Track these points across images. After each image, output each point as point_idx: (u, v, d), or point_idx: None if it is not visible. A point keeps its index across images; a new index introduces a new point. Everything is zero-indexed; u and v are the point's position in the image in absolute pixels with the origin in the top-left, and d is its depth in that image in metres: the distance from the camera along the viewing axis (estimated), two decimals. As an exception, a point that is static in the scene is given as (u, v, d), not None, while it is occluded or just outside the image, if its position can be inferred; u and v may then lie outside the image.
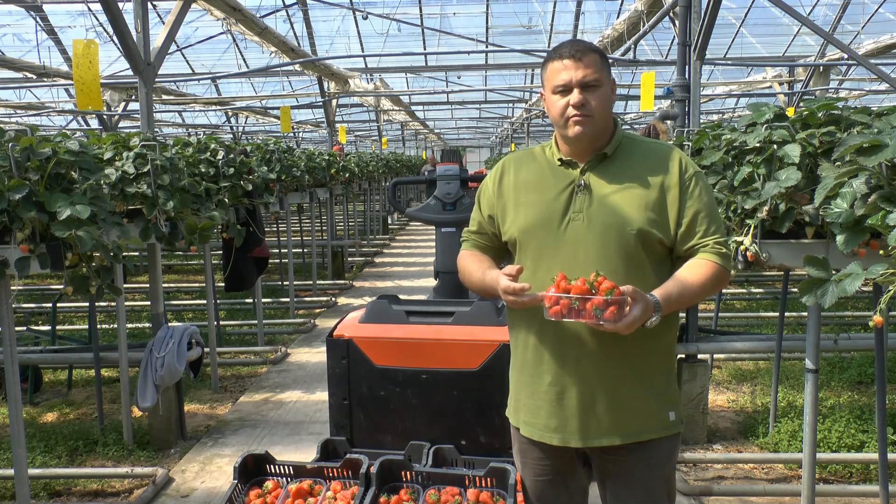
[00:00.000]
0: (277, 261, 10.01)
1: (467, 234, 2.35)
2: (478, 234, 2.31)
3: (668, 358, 2.17)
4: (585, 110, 2.04)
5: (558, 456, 2.19)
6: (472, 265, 2.22)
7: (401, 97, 18.34)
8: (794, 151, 2.82)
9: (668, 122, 5.27)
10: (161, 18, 12.44)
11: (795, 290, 2.48)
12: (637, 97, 15.03)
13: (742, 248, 3.04)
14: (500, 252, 2.31)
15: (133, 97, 11.00)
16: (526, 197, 2.16)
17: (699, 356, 4.59)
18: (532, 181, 2.18)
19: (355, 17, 15.39)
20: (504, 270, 2.02)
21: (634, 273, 2.03)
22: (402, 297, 3.44)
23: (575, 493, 2.28)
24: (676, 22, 5.25)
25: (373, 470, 2.82)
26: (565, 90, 2.05)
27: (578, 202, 2.09)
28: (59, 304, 7.33)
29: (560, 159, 2.15)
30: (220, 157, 5.04)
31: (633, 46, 8.93)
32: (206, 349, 5.32)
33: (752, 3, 14.22)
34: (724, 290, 7.82)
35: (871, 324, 2.34)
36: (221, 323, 7.30)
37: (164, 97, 14.75)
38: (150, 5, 4.92)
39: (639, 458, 2.13)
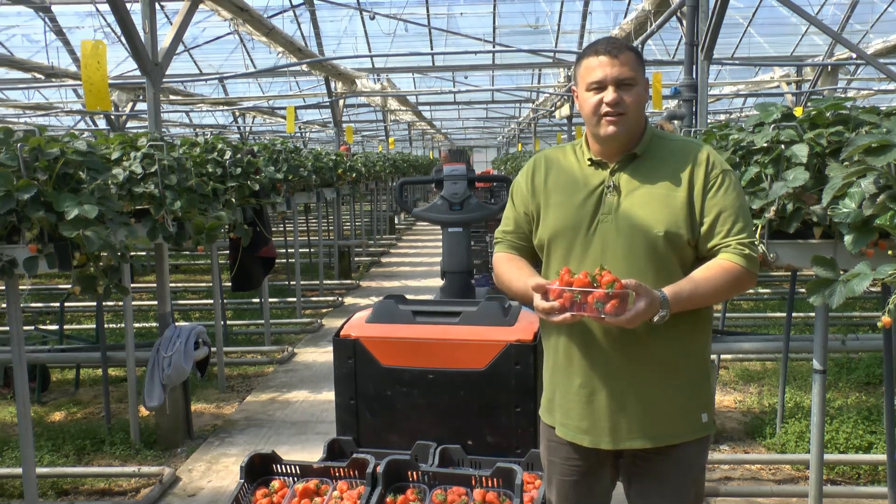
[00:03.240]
0: (284, 261, 10.02)
1: (502, 235, 2.28)
2: (514, 234, 2.24)
3: (701, 359, 2.13)
4: (620, 108, 2.01)
5: (587, 456, 2.17)
6: (512, 272, 2.16)
7: (408, 97, 18.36)
8: (801, 151, 2.81)
9: (676, 121, 5.26)
10: (169, 19, 12.45)
11: (803, 290, 2.47)
12: (644, 97, 15.01)
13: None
14: (536, 252, 2.25)
15: (140, 97, 11.05)
16: (556, 198, 2.13)
17: (706, 356, 4.57)
18: (563, 182, 2.15)
19: (362, 18, 15.41)
20: (535, 287, 1.96)
21: (663, 275, 2.00)
22: (408, 296, 3.44)
23: (599, 494, 2.26)
24: (684, 22, 5.24)
25: (379, 470, 2.81)
26: (600, 87, 2.02)
27: (607, 204, 2.06)
28: (66, 304, 7.36)
29: (590, 159, 2.12)
30: (227, 157, 5.05)
31: (640, 46, 8.91)
32: (213, 349, 5.34)
33: (760, 2, 14.17)
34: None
35: (879, 324, 2.33)
36: (228, 322, 7.32)
37: (172, 97, 14.80)
38: (157, 6, 4.93)
39: (669, 460, 2.11)
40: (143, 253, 9.93)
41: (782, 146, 2.89)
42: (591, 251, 2.05)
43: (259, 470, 3.03)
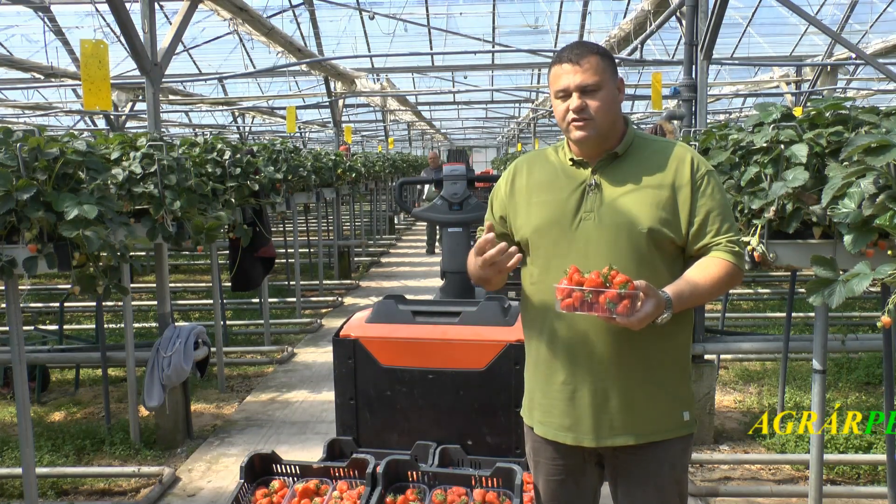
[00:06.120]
0: (284, 261, 10.02)
1: (480, 234, 2.37)
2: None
3: (683, 357, 2.16)
4: (584, 114, 2.05)
5: (571, 455, 2.19)
6: (472, 254, 2.20)
7: (407, 97, 18.34)
8: (801, 151, 2.81)
9: (675, 121, 5.26)
10: (168, 19, 12.46)
11: (802, 290, 2.47)
12: (643, 97, 15.08)
13: (749, 248, 3.03)
14: None
15: (140, 97, 11.04)
16: (538, 197, 2.17)
17: (706, 357, 4.58)
18: (544, 182, 2.18)
19: (362, 18, 15.40)
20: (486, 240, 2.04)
21: (646, 272, 2.02)
22: (408, 297, 3.44)
23: (586, 493, 2.28)
24: (683, 21, 5.23)
25: (379, 470, 2.81)
26: (566, 94, 2.07)
27: (589, 202, 2.09)
28: (66, 304, 7.36)
29: (571, 159, 2.16)
30: (226, 157, 5.05)
31: (639, 46, 8.92)
32: (213, 349, 5.33)
33: (760, 2, 14.17)
34: (730, 291, 7.80)
35: (878, 324, 2.33)
36: (228, 322, 7.32)
37: (171, 97, 14.79)
38: (157, 6, 4.92)
39: (651, 458, 2.13)
40: (143, 253, 9.94)
41: (782, 146, 2.89)
42: (575, 248, 2.08)
43: (259, 470, 3.03)
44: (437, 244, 12.60)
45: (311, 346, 7.07)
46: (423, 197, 13.65)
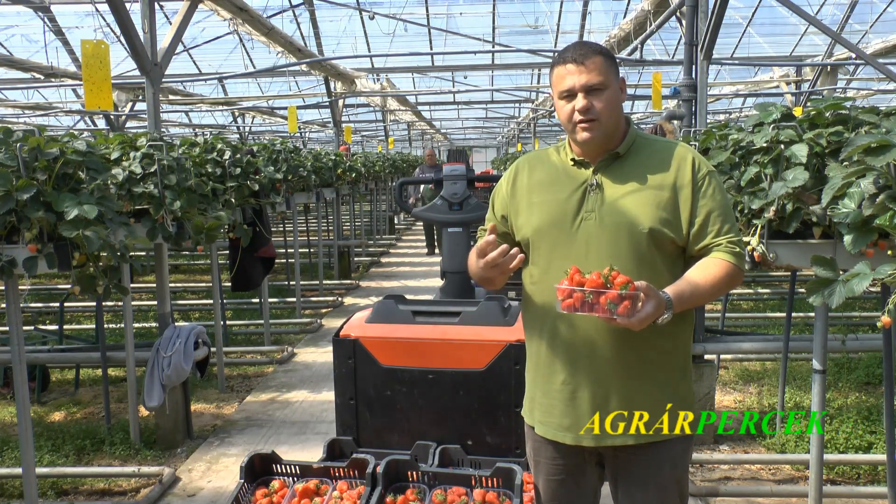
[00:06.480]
0: (284, 261, 10.02)
1: (481, 233, 2.36)
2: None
3: (683, 358, 2.16)
4: (591, 115, 2.04)
5: (571, 455, 2.19)
6: (473, 255, 2.20)
7: (407, 97, 18.34)
8: (801, 151, 2.81)
9: (675, 121, 5.26)
10: (168, 19, 12.45)
11: (802, 290, 2.47)
12: (643, 97, 15.08)
13: (749, 248, 3.03)
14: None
15: (140, 97, 11.04)
16: (539, 197, 2.17)
17: (706, 357, 4.58)
18: (545, 181, 2.18)
19: (362, 18, 15.40)
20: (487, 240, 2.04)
21: (646, 272, 2.02)
22: (408, 297, 3.44)
23: (587, 493, 2.28)
24: (683, 21, 5.24)
25: (379, 470, 2.81)
26: (570, 95, 2.06)
27: (591, 201, 2.09)
28: (66, 304, 7.36)
29: (573, 159, 2.16)
30: (226, 157, 5.05)
31: (639, 46, 8.92)
32: (213, 349, 5.33)
33: (760, 2, 14.17)
34: (730, 291, 7.79)
35: (878, 324, 2.33)
36: (228, 322, 7.31)
37: (171, 97, 14.79)
38: (157, 6, 4.92)
39: (652, 458, 2.13)
40: (143, 253, 9.93)
41: (782, 146, 2.89)
42: (575, 248, 2.08)
43: (259, 470, 3.03)
44: (436, 244, 12.61)
45: (311, 346, 7.07)
46: (420, 195, 13.61)
